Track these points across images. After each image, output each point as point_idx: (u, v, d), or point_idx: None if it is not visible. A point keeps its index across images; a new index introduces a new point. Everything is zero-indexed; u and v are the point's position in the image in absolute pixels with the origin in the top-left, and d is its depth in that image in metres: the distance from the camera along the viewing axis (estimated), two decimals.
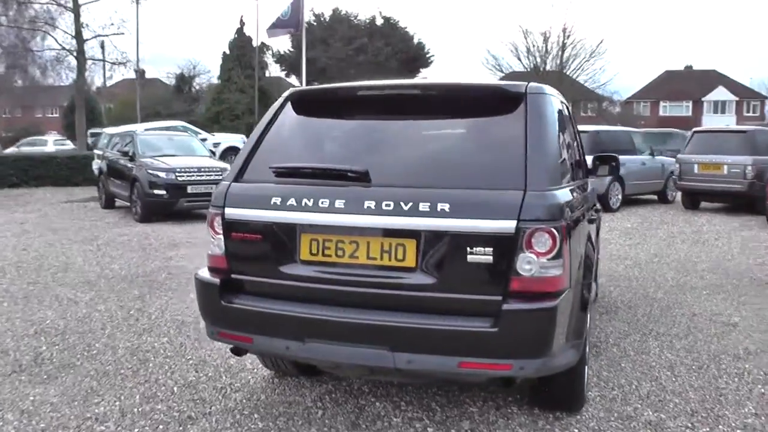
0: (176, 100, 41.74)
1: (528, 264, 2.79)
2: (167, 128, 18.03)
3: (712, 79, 58.88)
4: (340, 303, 3.02)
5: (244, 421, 3.48)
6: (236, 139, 21.69)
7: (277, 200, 3.10)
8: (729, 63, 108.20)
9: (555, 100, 3.52)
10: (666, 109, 60.32)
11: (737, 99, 58.28)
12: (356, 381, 3.99)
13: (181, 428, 3.40)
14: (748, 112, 58.06)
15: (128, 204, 12.27)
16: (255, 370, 4.22)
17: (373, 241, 2.97)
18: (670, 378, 4.15)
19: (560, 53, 38.39)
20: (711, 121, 49.54)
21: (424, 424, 3.44)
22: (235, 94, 37.40)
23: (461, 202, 2.85)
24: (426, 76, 44.14)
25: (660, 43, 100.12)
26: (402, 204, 2.89)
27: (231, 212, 3.20)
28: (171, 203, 11.37)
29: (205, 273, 3.36)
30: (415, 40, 39.50)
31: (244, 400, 3.75)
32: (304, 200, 3.05)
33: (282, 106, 3.53)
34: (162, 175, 11.29)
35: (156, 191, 11.23)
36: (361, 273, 3.00)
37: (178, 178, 11.33)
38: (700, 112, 58.16)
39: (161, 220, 11.58)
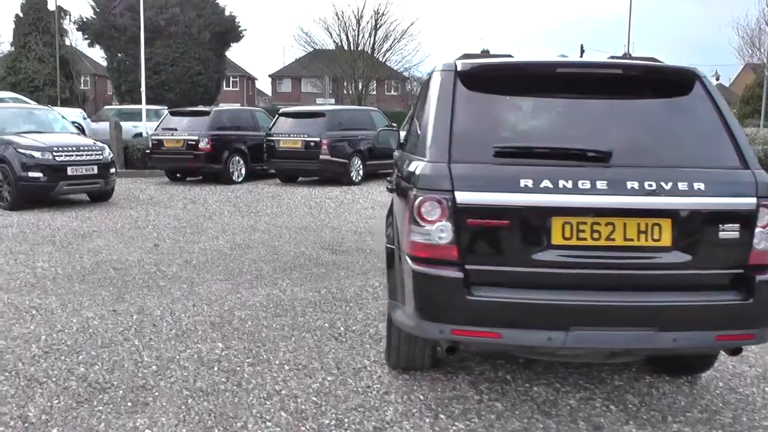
0: None
1: (759, 237, 2.90)
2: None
3: None
4: (600, 287, 2.87)
5: (441, 424, 3.09)
6: (76, 115, 19.02)
7: (528, 182, 2.82)
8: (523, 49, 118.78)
9: None
10: None
11: None
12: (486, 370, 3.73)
13: None
14: None
15: None
16: (368, 368, 3.77)
17: (629, 222, 2.86)
18: None
19: (373, 33, 39.44)
20: None
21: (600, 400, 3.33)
22: (34, 62, 33.04)
23: (713, 182, 2.89)
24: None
25: (461, 26, 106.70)
26: (663, 184, 2.86)
27: (466, 196, 2.83)
28: (49, 187, 9.64)
29: (421, 266, 2.90)
30: (227, 13, 37.93)
31: (409, 402, 3.32)
32: (561, 182, 2.83)
33: (454, 81, 3.17)
34: (37, 154, 9.49)
35: (31, 173, 9.45)
36: (618, 255, 2.88)
37: (56, 159, 9.63)
38: None
39: (33, 207, 9.85)
